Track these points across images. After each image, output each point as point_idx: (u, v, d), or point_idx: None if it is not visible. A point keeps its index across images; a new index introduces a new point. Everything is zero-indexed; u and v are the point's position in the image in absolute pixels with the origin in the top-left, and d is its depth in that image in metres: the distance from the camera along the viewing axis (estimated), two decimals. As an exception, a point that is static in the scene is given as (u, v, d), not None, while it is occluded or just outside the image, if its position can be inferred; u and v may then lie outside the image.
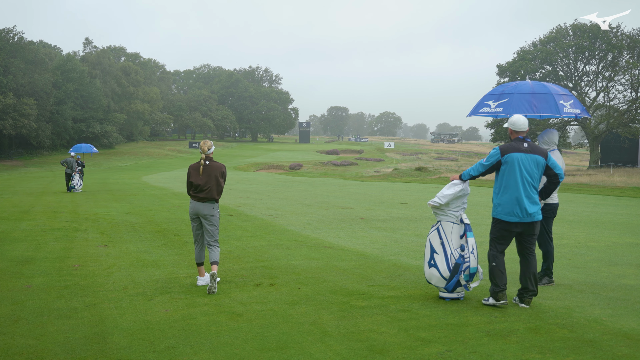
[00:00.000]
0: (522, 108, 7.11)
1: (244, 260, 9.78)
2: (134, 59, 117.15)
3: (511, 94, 7.30)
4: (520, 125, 6.69)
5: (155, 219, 15.97)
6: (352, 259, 9.81)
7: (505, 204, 6.55)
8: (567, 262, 9.31)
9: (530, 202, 6.50)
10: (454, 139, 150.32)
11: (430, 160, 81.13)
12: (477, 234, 12.46)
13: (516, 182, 6.50)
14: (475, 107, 7.55)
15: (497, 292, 6.55)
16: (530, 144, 6.62)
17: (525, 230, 6.61)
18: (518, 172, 6.50)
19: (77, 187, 28.43)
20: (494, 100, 7.37)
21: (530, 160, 6.52)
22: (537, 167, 6.55)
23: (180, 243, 11.88)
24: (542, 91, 7.40)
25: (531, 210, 6.49)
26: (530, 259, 6.68)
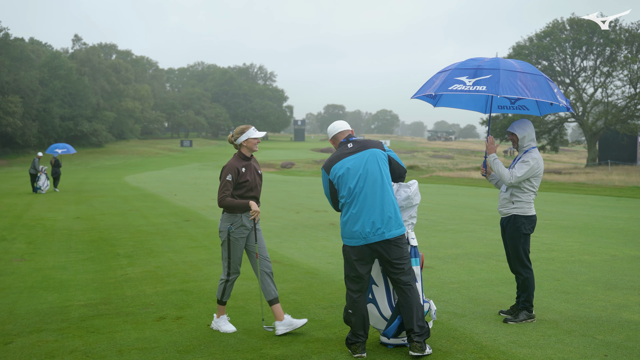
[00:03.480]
0: (512, 88, 5.36)
1: (165, 282, 8.10)
2: (125, 56, 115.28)
3: (495, 70, 5.49)
4: (336, 129, 5.30)
5: (100, 226, 14.29)
6: (297, 279, 8.12)
7: (350, 225, 4.97)
8: (556, 284, 7.59)
9: (382, 214, 4.88)
10: (451, 136, 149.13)
11: (426, 158, 79.53)
12: (455, 245, 10.77)
13: (357, 194, 4.95)
14: (442, 83, 5.64)
15: (350, 343, 4.98)
16: (357, 141, 5.08)
17: (381, 255, 4.91)
18: (355, 181, 4.94)
19: (44, 187, 26.86)
20: (470, 76, 5.53)
21: (363, 160, 4.96)
22: (378, 163, 4.95)
23: (109, 256, 10.22)
24: (530, 70, 5.69)
25: (381, 225, 4.85)
26: (406, 290, 4.89)
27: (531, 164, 5.80)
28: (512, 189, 5.92)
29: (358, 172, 4.92)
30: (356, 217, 4.89)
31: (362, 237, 4.86)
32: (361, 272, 4.94)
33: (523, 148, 5.98)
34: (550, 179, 36.87)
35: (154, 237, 12.36)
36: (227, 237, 5.75)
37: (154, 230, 13.38)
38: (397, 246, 4.88)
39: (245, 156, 5.88)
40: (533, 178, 5.86)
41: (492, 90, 5.30)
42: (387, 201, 4.89)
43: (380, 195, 4.88)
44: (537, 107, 6.35)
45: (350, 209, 4.93)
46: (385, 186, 4.92)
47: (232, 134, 5.94)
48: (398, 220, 4.92)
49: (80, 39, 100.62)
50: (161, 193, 26.14)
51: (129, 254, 10.41)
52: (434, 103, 6.54)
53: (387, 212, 4.88)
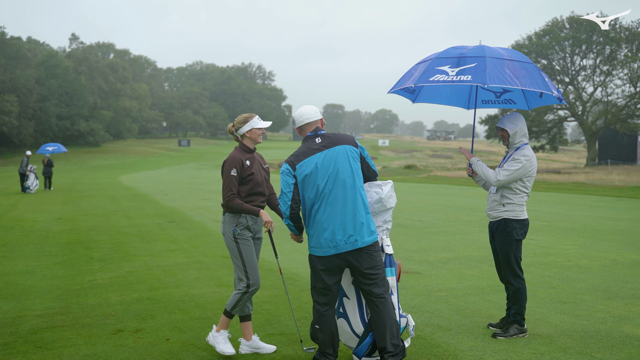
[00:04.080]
0: (500, 77, 4.80)
1: (133, 288, 7.56)
2: (123, 55, 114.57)
3: (480, 57, 4.94)
4: (304, 118, 4.66)
5: (80, 227, 13.75)
6: (274, 286, 7.58)
7: (318, 232, 4.40)
8: (551, 292, 7.05)
9: (354, 219, 4.33)
10: (450, 136, 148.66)
11: (425, 157, 79.07)
12: (447, 248, 10.21)
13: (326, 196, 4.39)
14: (422, 74, 5.04)
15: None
16: (326, 135, 4.52)
17: (352, 264, 4.36)
18: (324, 182, 4.35)
19: (32, 187, 26.38)
20: (452, 66, 4.95)
21: (333, 157, 4.40)
22: (348, 160, 4.40)
23: (82, 260, 9.70)
24: (518, 58, 5.14)
25: (353, 231, 4.30)
26: (378, 304, 4.35)
27: (522, 163, 5.25)
28: (502, 190, 5.37)
29: (328, 170, 4.36)
30: (325, 223, 4.34)
31: (332, 246, 4.31)
32: (329, 283, 4.39)
33: (514, 145, 5.44)
34: (549, 178, 36.35)
35: (133, 240, 11.82)
36: (234, 240, 5.03)
37: (135, 232, 12.84)
38: (369, 254, 4.34)
39: (248, 148, 5.20)
40: (526, 178, 5.31)
41: (478, 80, 4.74)
42: (359, 204, 4.36)
43: (352, 197, 4.35)
44: (525, 101, 5.81)
45: (319, 214, 4.37)
46: (357, 187, 4.38)
47: (234, 123, 5.28)
48: (370, 226, 4.39)
49: (78, 37, 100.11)
50: (152, 193, 25.61)
51: (103, 258, 9.88)
52: (412, 98, 5.97)
53: (360, 217, 4.34)
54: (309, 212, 4.44)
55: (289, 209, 4.48)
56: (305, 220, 4.49)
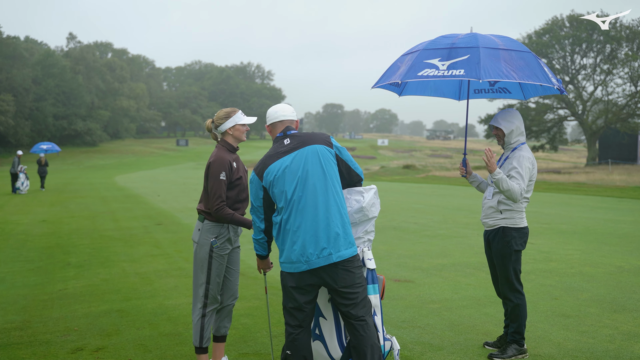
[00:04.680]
0: (495, 69, 4.26)
1: (104, 299, 7.04)
2: (121, 54, 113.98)
3: (473, 48, 4.40)
4: (275, 116, 4.11)
5: (62, 230, 13.23)
6: (255, 296, 7.07)
7: (288, 245, 3.83)
8: (553, 305, 6.52)
9: (327, 230, 3.75)
10: (450, 135, 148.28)
11: (424, 157, 78.58)
12: (443, 253, 9.67)
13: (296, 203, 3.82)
14: (409, 69, 4.47)
15: None
16: (296, 135, 3.95)
17: (326, 282, 3.79)
18: (293, 187, 3.80)
19: (23, 188, 25.86)
20: (443, 58, 4.42)
21: (302, 159, 3.84)
22: (320, 163, 3.82)
23: (58, 266, 9.18)
24: (515, 47, 4.60)
25: (327, 244, 3.72)
26: (358, 327, 3.77)
27: (525, 166, 4.71)
28: (500, 195, 4.83)
29: (296, 175, 3.79)
30: (295, 235, 3.77)
31: (304, 261, 3.74)
32: (301, 302, 3.83)
33: (510, 145, 4.90)
34: (549, 178, 35.84)
35: (115, 244, 11.31)
36: (208, 254, 4.48)
37: (119, 236, 12.32)
38: (346, 271, 3.76)
39: (232, 147, 4.66)
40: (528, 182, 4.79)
41: (471, 74, 4.20)
42: (333, 212, 3.77)
43: (325, 204, 3.77)
44: (521, 89, 5.29)
45: (288, 224, 3.81)
46: (330, 192, 3.80)
47: (214, 119, 4.69)
48: (347, 237, 3.80)
49: (75, 37, 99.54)
50: (145, 194, 25.09)
51: (80, 264, 9.36)
52: (398, 92, 5.43)
53: (334, 227, 3.75)
54: (278, 223, 3.88)
55: (263, 222, 3.98)
56: (275, 232, 3.94)
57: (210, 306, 4.53)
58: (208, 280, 4.50)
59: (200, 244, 4.54)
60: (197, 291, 4.56)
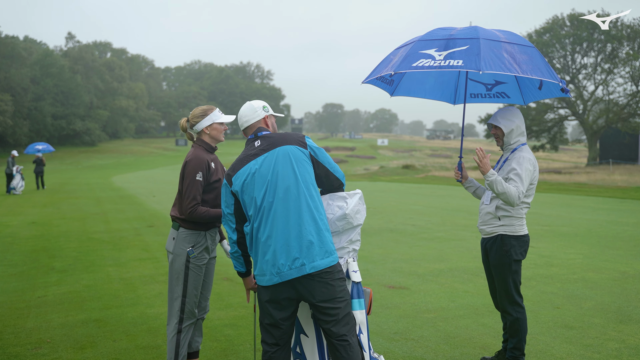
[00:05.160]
0: (497, 61, 3.90)
1: (83, 307, 6.69)
2: (120, 54, 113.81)
3: (473, 39, 4.04)
4: (242, 119, 3.78)
5: (50, 233, 12.88)
6: (242, 304, 6.73)
7: (260, 255, 3.49)
8: (555, 314, 6.17)
9: (299, 238, 3.39)
10: (450, 135, 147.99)
11: (424, 157, 78.18)
12: (440, 257, 9.32)
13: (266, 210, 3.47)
14: (403, 59, 4.10)
15: None
16: (267, 136, 3.61)
17: (304, 297, 3.44)
18: (262, 193, 3.45)
19: (18, 188, 25.53)
20: (440, 49, 4.06)
21: (272, 161, 3.50)
22: (292, 164, 3.47)
23: (41, 272, 8.83)
24: (518, 41, 4.25)
25: (299, 253, 3.37)
26: (339, 347, 3.39)
27: (526, 168, 4.34)
28: (498, 201, 4.48)
29: (266, 179, 3.46)
30: (265, 245, 3.43)
31: (275, 273, 3.39)
32: (277, 319, 3.47)
33: (510, 146, 4.54)
34: (549, 179, 35.50)
35: (103, 247, 10.97)
36: (185, 264, 4.16)
37: (108, 239, 11.98)
38: (324, 283, 3.39)
39: (210, 147, 4.34)
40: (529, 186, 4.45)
41: (470, 65, 3.84)
42: (306, 218, 3.41)
43: (296, 210, 3.42)
44: (520, 94, 4.92)
45: (259, 233, 3.47)
46: (302, 197, 3.44)
47: (189, 117, 4.36)
48: (324, 245, 3.42)
49: (74, 36, 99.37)
50: (140, 194, 24.76)
51: (64, 269, 9.02)
52: (390, 91, 5.04)
53: (307, 235, 3.38)
54: (250, 232, 3.53)
55: (235, 233, 3.62)
56: (248, 243, 3.59)
57: (186, 321, 4.21)
58: (184, 293, 4.18)
59: (176, 254, 4.20)
60: (172, 305, 4.22)
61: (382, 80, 4.81)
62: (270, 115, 3.84)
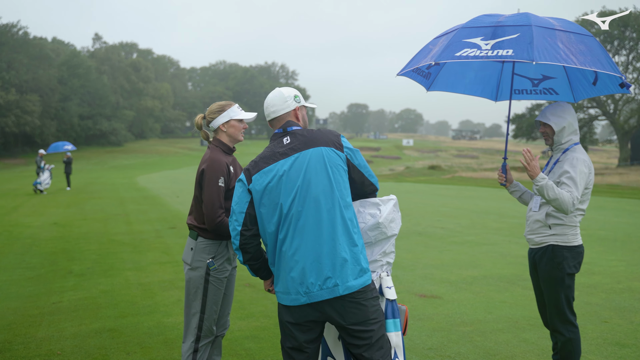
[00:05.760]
0: (552, 51, 3.43)
1: (98, 315, 6.37)
2: (146, 55, 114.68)
3: (524, 27, 3.58)
4: (269, 109, 3.27)
5: (71, 234, 12.66)
6: (264, 314, 6.35)
7: (284, 271, 3.05)
8: (604, 329, 5.68)
9: (333, 254, 2.95)
10: (476, 135, 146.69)
11: (450, 157, 77.41)
12: (472, 263, 8.85)
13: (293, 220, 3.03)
14: (445, 49, 3.64)
15: None
16: (298, 133, 3.14)
17: (332, 318, 3.01)
18: (290, 200, 3.00)
19: (44, 184, 25.54)
20: (487, 37, 3.61)
21: (303, 165, 3.04)
22: (326, 169, 3.02)
23: (58, 275, 8.57)
24: (575, 29, 3.76)
25: (332, 272, 2.94)
26: None
27: (580, 171, 3.86)
28: (548, 207, 4.01)
29: (295, 184, 3.02)
30: (292, 260, 3.00)
31: (303, 293, 2.97)
32: (301, 341, 3.05)
33: (561, 145, 4.07)
34: (580, 180, 34.64)
35: (123, 249, 10.69)
36: (204, 278, 3.77)
37: (128, 241, 11.71)
38: (357, 304, 2.98)
39: (228, 148, 3.96)
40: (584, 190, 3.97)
41: (522, 55, 3.37)
42: (339, 233, 2.98)
43: (330, 222, 2.98)
44: (571, 90, 4.42)
45: (285, 245, 3.03)
46: (337, 207, 3.01)
47: (205, 114, 3.96)
48: (358, 263, 3.00)
49: (101, 37, 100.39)
50: (164, 194, 24.58)
51: (83, 272, 8.74)
52: (427, 85, 4.60)
53: (341, 251, 2.96)
54: (273, 243, 3.09)
55: (238, 237, 3.14)
56: (268, 253, 3.17)
57: (204, 339, 3.84)
58: (203, 309, 3.79)
59: (194, 267, 3.81)
60: (189, 322, 3.84)
61: (418, 73, 4.39)
62: (302, 106, 3.36)
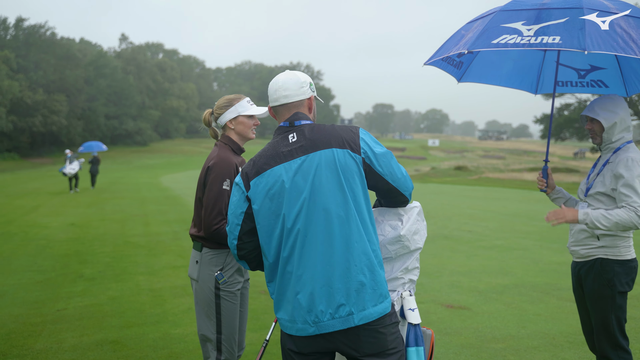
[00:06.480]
0: (607, 39, 2.88)
1: (103, 324, 5.99)
2: (171, 55, 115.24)
3: (574, 9, 3.05)
4: (278, 92, 2.69)
5: (87, 236, 12.37)
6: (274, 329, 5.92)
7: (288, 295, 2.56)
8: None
9: (347, 277, 2.47)
10: (503, 136, 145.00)
11: (476, 158, 76.36)
12: (502, 270, 8.30)
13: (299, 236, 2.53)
14: (480, 34, 3.11)
15: None
16: (306, 129, 2.61)
17: (346, 352, 2.51)
18: (295, 212, 2.50)
19: (68, 168, 25.46)
20: (529, 22, 3.06)
21: (311, 170, 2.53)
22: (339, 175, 2.50)
23: (68, 279, 8.24)
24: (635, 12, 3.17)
25: (346, 299, 2.46)
26: None
27: (638, 174, 3.30)
28: None
29: (301, 194, 2.51)
30: (299, 283, 2.51)
31: (312, 322, 2.48)
32: None
33: (611, 144, 3.53)
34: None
35: (138, 252, 10.35)
36: (214, 293, 3.34)
37: (144, 243, 11.38)
38: (374, 333, 2.49)
39: (238, 147, 3.51)
40: None
41: (572, 43, 2.84)
42: (357, 251, 2.48)
43: (344, 239, 2.48)
44: (623, 82, 3.85)
45: (289, 265, 2.54)
46: (353, 223, 2.49)
47: (213, 109, 3.55)
48: (378, 287, 2.50)
49: (127, 38, 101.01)
50: (186, 195, 24.30)
51: (93, 276, 8.40)
52: (458, 75, 4.07)
53: (357, 274, 2.46)
54: (275, 260, 2.60)
55: (235, 250, 2.71)
56: (267, 272, 2.68)
57: None
58: (219, 330, 3.34)
59: (202, 282, 3.37)
60: (206, 346, 3.39)
61: (448, 62, 3.88)
62: (314, 97, 2.84)
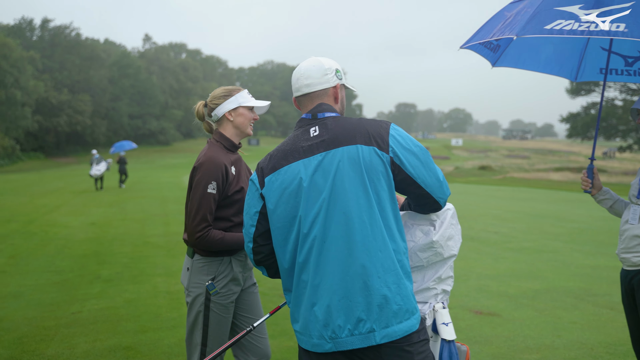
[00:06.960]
0: None
1: (117, 329, 5.78)
2: (194, 55, 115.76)
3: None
4: (300, 81, 2.42)
5: (106, 236, 12.24)
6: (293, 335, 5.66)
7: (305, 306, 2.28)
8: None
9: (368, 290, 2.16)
10: (527, 135, 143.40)
11: (500, 158, 75.45)
12: (532, 273, 7.96)
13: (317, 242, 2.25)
14: (530, 19, 2.78)
15: None
16: (329, 123, 2.32)
17: None
18: (313, 215, 2.22)
19: (94, 170, 26.08)
20: (587, 5, 2.80)
21: (331, 168, 2.24)
22: (363, 176, 2.20)
23: (85, 280, 8.09)
24: None
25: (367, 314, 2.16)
26: None
27: None
28: None
29: (320, 195, 2.24)
30: (316, 293, 2.24)
31: (328, 338, 2.21)
32: None
33: None
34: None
35: (156, 253, 10.18)
36: (204, 304, 3.09)
37: (163, 243, 11.21)
38: (397, 350, 2.20)
39: (232, 144, 3.21)
40: None
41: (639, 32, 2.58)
42: (380, 261, 2.19)
43: (365, 247, 2.20)
44: None
45: (304, 274, 2.28)
46: (377, 229, 2.21)
47: (207, 101, 3.25)
48: (405, 301, 2.21)
49: (150, 38, 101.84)
50: (207, 194, 24.19)
51: (111, 277, 8.23)
52: (493, 59, 3.79)
53: (380, 286, 2.18)
54: (291, 266, 2.34)
55: (251, 254, 2.46)
56: (283, 279, 2.42)
57: None
58: (204, 342, 3.08)
59: (192, 290, 3.11)
60: (191, 355, 3.15)
61: (485, 46, 3.60)
62: (342, 85, 2.51)
